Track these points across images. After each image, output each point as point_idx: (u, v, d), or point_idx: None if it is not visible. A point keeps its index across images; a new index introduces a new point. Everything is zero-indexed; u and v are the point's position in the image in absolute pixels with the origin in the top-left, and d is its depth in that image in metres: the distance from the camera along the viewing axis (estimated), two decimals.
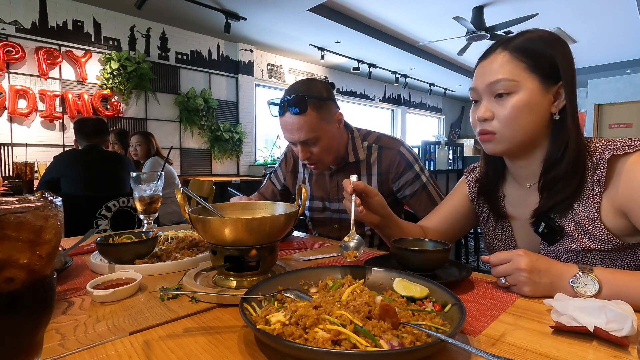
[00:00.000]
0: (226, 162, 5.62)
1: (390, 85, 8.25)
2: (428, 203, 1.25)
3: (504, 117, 0.77)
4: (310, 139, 1.15)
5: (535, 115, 0.77)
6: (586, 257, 0.77)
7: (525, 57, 0.76)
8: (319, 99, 1.14)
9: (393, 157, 1.27)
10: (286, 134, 1.18)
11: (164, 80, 4.92)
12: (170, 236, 1.05)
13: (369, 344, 0.43)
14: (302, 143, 1.17)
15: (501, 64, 0.77)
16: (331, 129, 1.19)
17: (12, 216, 0.33)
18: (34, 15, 3.91)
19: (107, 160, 2.24)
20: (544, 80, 0.76)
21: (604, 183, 0.73)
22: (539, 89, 0.76)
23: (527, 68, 0.76)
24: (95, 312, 0.62)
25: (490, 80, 0.77)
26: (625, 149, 0.71)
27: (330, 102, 1.19)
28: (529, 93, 0.75)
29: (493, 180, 0.94)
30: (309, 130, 1.13)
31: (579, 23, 5.28)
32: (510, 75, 0.76)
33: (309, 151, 1.18)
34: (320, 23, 4.91)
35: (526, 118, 0.76)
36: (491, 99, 0.79)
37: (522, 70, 0.76)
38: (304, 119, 1.12)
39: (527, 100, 0.75)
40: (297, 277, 0.67)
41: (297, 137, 1.15)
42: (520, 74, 0.76)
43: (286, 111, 1.14)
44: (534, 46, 0.77)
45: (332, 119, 1.19)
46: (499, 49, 0.79)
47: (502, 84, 0.76)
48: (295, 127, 1.14)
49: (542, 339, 0.52)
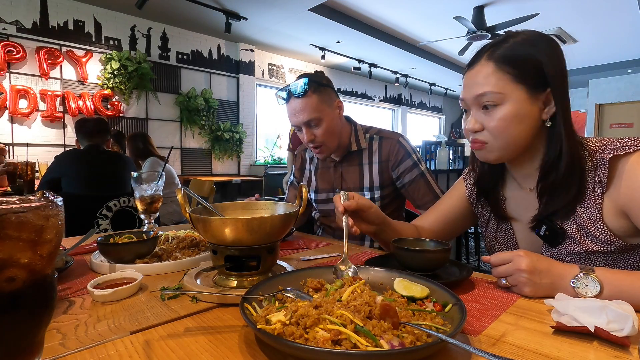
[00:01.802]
0: (227, 162, 5.63)
1: (390, 85, 8.24)
2: (426, 190, 1.32)
3: (492, 129, 0.77)
4: (312, 119, 1.26)
5: (524, 125, 0.76)
6: (589, 259, 0.77)
7: (511, 68, 0.74)
8: (319, 84, 1.27)
9: (393, 145, 1.36)
10: (292, 118, 1.30)
11: (164, 80, 4.93)
12: (170, 236, 1.05)
13: (370, 344, 0.43)
14: (305, 125, 1.28)
15: (486, 76, 0.76)
16: (332, 112, 1.30)
17: (13, 216, 0.33)
18: (35, 15, 3.92)
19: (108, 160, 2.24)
20: (531, 89, 0.75)
21: (606, 184, 0.73)
22: (527, 98, 0.75)
23: (512, 79, 0.74)
24: (96, 311, 0.62)
25: (477, 92, 0.77)
26: (626, 149, 0.71)
27: (329, 89, 1.32)
28: (516, 103, 0.74)
29: (491, 182, 0.93)
30: (311, 110, 1.25)
31: (580, 23, 5.27)
32: (495, 87, 0.75)
33: (312, 133, 1.29)
34: (321, 23, 4.91)
35: (515, 128, 0.76)
36: (479, 110, 0.78)
37: (508, 82, 0.74)
38: (306, 101, 1.25)
39: (514, 111, 0.75)
40: (298, 277, 0.67)
41: (301, 118, 1.27)
42: (505, 85, 0.74)
43: (291, 96, 1.27)
44: (518, 54, 0.75)
45: (332, 104, 1.31)
46: (484, 58, 0.77)
47: (488, 97, 0.75)
48: (299, 109, 1.26)
49: (542, 339, 0.52)
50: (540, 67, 0.75)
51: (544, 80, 0.75)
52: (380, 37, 5.55)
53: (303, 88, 1.24)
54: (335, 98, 1.33)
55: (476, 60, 0.80)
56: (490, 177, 0.93)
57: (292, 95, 1.27)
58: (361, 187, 1.38)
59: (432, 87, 8.63)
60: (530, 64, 0.75)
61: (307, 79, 1.24)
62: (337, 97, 1.35)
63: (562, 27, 5.43)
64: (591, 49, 6.49)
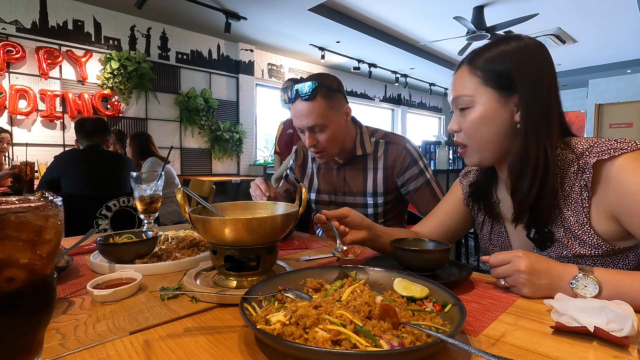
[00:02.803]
0: (226, 162, 5.63)
1: (390, 85, 8.25)
2: (431, 199, 1.28)
3: (466, 130, 0.82)
4: (317, 125, 1.21)
5: (494, 126, 0.79)
6: (578, 262, 0.76)
7: (480, 71, 0.79)
8: (329, 89, 1.21)
9: (399, 152, 1.31)
10: (296, 120, 1.25)
11: (164, 80, 4.92)
12: (170, 236, 1.05)
13: (369, 344, 0.43)
14: (309, 129, 1.23)
15: (460, 80, 0.82)
16: (338, 119, 1.25)
17: (13, 216, 0.33)
18: (35, 15, 3.92)
19: (107, 160, 2.24)
20: (500, 92, 0.78)
21: (591, 188, 0.73)
22: (496, 101, 0.78)
23: (481, 82, 0.79)
24: (95, 311, 0.62)
25: (454, 95, 0.83)
26: (611, 152, 0.70)
27: (339, 95, 1.26)
28: (484, 106, 0.79)
29: (484, 184, 0.94)
30: (317, 116, 1.20)
31: (580, 23, 5.27)
32: (467, 90, 0.80)
33: (315, 138, 1.24)
34: (321, 23, 4.91)
35: (486, 130, 0.80)
36: (458, 112, 0.84)
37: (478, 85, 0.79)
38: (313, 105, 1.19)
39: (483, 113, 0.79)
40: (297, 277, 0.67)
41: (305, 122, 1.21)
42: (476, 88, 0.79)
43: (297, 97, 1.21)
44: (489, 59, 0.79)
45: (340, 110, 1.26)
46: (464, 64, 0.83)
47: (461, 99, 0.81)
48: (305, 113, 1.20)
49: (542, 339, 0.52)
50: (509, 72, 0.77)
51: (513, 85, 0.77)
52: (380, 37, 5.54)
53: (312, 91, 1.17)
54: (344, 104, 1.28)
55: (459, 65, 0.85)
56: (483, 180, 0.95)
57: (299, 97, 1.20)
58: (364, 192, 1.35)
59: (432, 87, 8.63)
60: (500, 68, 0.78)
61: (316, 82, 1.18)
62: (346, 102, 1.29)
63: (561, 27, 5.43)
64: (591, 49, 6.50)
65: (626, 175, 0.69)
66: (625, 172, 0.69)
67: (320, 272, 0.69)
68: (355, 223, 0.87)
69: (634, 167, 0.68)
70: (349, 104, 1.30)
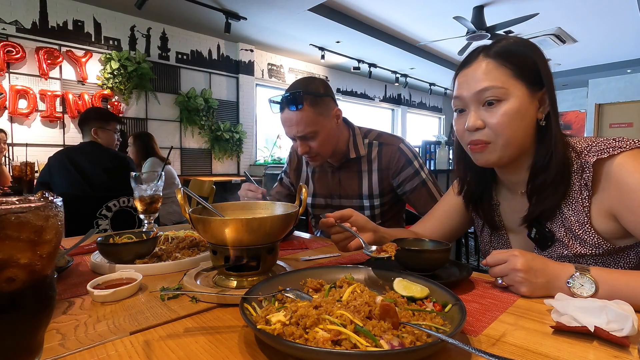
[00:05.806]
0: (226, 162, 5.63)
1: (390, 85, 8.24)
2: (428, 199, 1.27)
3: (495, 125, 0.75)
4: (308, 134, 1.21)
5: (524, 122, 0.76)
6: (578, 262, 0.77)
7: (510, 64, 0.75)
8: (316, 95, 1.19)
9: (393, 153, 1.30)
10: (286, 129, 1.25)
11: (164, 80, 4.92)
12: (170, 236, 1.05)
13: (370, 344, 0.43)
14: (300, 137, 1.23)
15: (487, 72, 0.75)
16: (329, 123, 1.24)
17: (13, 216, 0.33)
18: (35, 15, 3.91)
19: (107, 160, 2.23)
20: (530, 87, 0.75)
21: (592, 187, 0.73)
22: (527, 95, 0.75)
23: (513, 75, 0.74)
24: (95, 312, 0.62)
25: (478, 88, 0.75)
26: (610, 151, 0.71)
27: (328, 98, 1.24)
28: (518, 99, 0.74)
29: (479, 190, 0.92)
30: (306, 125, 1.19)
31: (580, 23, 5.27)
32: (498, 82, 0.74)
33: (307, 145, 1.24)
34: (321, 23, 4.91)
35: (518, 125, 0.75)
36: (479, 107, 0.77)
37: (509, 77, 0.74)
38: (301, 115, 1.18)
39: (517, 107, 0.74)
40: (297, 277, 0.67)
41: (295, 131, 1.21)
42: (507, 80, 0.74)
43: (285, 107, 1.20)
44: (515, 51, 0.76)
45: (329, 115, 1.24)
46: (481, 56, 0.77)
47: (491, 92, 0.74)
48: (294, 123, 1.20)
49: (542, 339, 0.52)
50: (537, 68, 0.76)
51: (540, 80, 0.76)
52: (380, 37, 5.54)
53: (298, 100, 1.16)
54: (334, 107, 1.25)
55: (471, 59, 0.79)
56: (476, 186, 0.92)
57: (287, 107, 1.19)
58: (360, 194, 1.34)
59: (432, 87, 8.62)
60: (528, 62, 0.76)
61: (301, 90, 1.16)
62: (336, 104, 1.27)
63: (561, 27, 5.43)
64: (591, 49, 6.49)
65: (626, 173, 0.69)
66: (624, 170, 0.69)
67: (320, 272, 0.69)
68: (359, 225, 0.86)
69: (633, 165, 0.69)
70: (338, 106, 1.28)
